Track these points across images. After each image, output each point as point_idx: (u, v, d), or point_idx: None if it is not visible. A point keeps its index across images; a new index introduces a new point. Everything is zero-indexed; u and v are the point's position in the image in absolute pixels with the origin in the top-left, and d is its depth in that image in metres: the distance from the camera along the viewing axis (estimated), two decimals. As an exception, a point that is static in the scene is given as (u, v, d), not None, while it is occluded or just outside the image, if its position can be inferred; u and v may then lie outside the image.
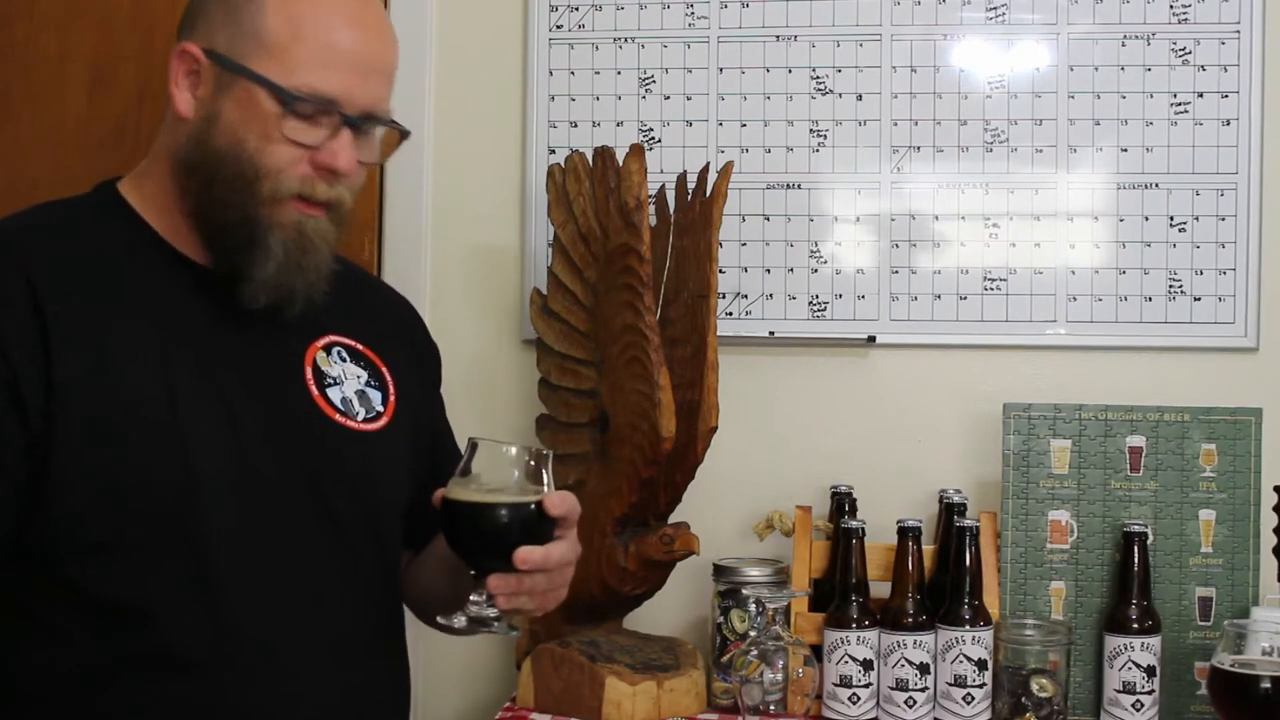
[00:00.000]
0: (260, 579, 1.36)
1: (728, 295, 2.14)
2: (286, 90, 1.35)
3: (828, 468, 2.10)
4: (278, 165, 1.36)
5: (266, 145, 1.36)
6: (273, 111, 1.35)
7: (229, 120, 1.36)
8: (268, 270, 1.37)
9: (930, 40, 2.12)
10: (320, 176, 1.38)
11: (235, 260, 1.38)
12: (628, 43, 2.17)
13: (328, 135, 1.37)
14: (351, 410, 1.45)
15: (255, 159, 1.36)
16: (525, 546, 1.32)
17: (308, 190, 1.37)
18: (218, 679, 1.33)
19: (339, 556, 1.42)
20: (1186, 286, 2.08)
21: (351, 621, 1.43)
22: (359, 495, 1.44)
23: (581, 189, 2.00)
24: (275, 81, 1.35)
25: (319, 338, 1.46)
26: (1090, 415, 1.94)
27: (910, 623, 1.84)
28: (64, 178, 1.54)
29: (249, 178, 1.36)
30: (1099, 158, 2.09)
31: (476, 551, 1.35)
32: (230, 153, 1.36)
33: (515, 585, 1.34)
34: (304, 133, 1.36)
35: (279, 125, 1.35)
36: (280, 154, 1.36)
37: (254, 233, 1.36)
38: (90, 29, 2.24)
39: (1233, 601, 1.89)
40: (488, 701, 2.14)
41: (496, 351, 2.21)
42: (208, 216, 1.38)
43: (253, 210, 1.36)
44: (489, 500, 1.33)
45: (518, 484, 1.34)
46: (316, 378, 1.44)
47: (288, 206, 1.37)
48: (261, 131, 1.35)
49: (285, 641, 1.37)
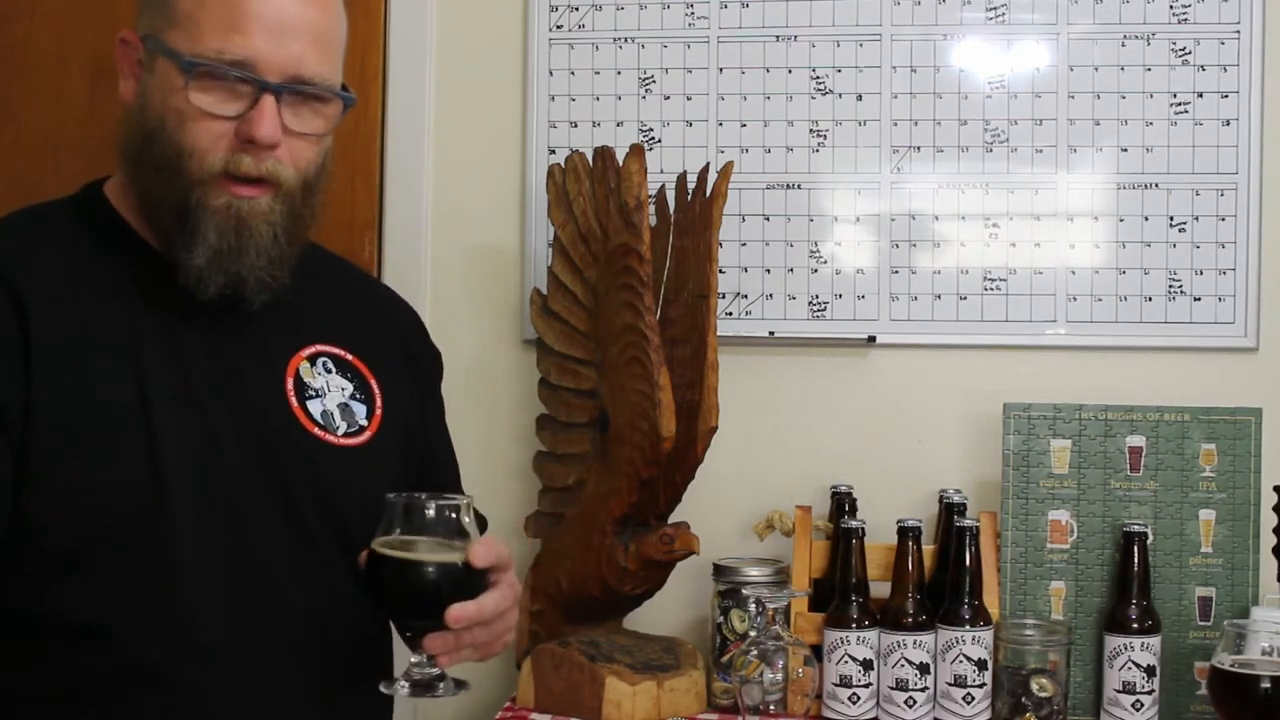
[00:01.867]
0: (228, 593, 1.33)
1: (728, 295, 2.14)
2: (185, 58, 1.30)
3: (828, 468, 2.10)
4: (198, 143, 1.31)
5: (184, 121, 1.31)
6: (179, 81, 1.30)
7: (153, 100, 1.33)
8: (202, 255, 1.32)
9: (930, 40, 2.12)
10: (246, 150, 1.32)
11: (172, 246, 1.34)
12: (628, 43, 2.17)
13: (247, 105, 1.31)
14: (331, 424, 1.42)
15: (174, 136, 1.31)
16: (457, 604, 1.26)
17: (234, 166, 1.32)
18: (186, 695, 1.30)
19: (311, 572, 1.39)
20: (1186, 286, 2.08)
21: (324, 636, 1.40)
22: (332, 510, 1.41)
23: (581, 189, 2.00)
24: (177, 50, 1.30)
25: (305, 347, 1.44)
26: (1090, 415, 1.94)
27: (910, 623, 1.84)
28: (65, 178, 1.53)
29: (172, 157, 1.32)
30: (1099, 158, 2.09)
31: (407, 614, 1.30)
32: (155, 133, 1.32)
33: (453, 643, 1.29)
34: (216, 103, 1.31)
35: (186, 96, 1.30)
36: (199, 130, 1.31)
37: (185, 216, 1.32)
38: (90, 29, 2.24)
39: (1232, 601, 1.89)
40: (488, 701, 2.14)
41: (496, 351, 2.21)
42: (146, 202, 1.36)
43: (184, 193, 1.32)
44: (413, 558, 1.28)
45: (439, 540, 1.29)
46: (297, 389, 1.41)
47: (217, 187, 1.32)
48: (176, 107, 1.31)
49: (256, 657, 1.34)
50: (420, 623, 1.28)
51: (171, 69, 1.31)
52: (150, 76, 1.34)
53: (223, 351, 1.38)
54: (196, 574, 1.31)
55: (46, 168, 2.22)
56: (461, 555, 1.29)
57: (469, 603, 1.27)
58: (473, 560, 1.28)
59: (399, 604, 1.30)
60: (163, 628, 1.30)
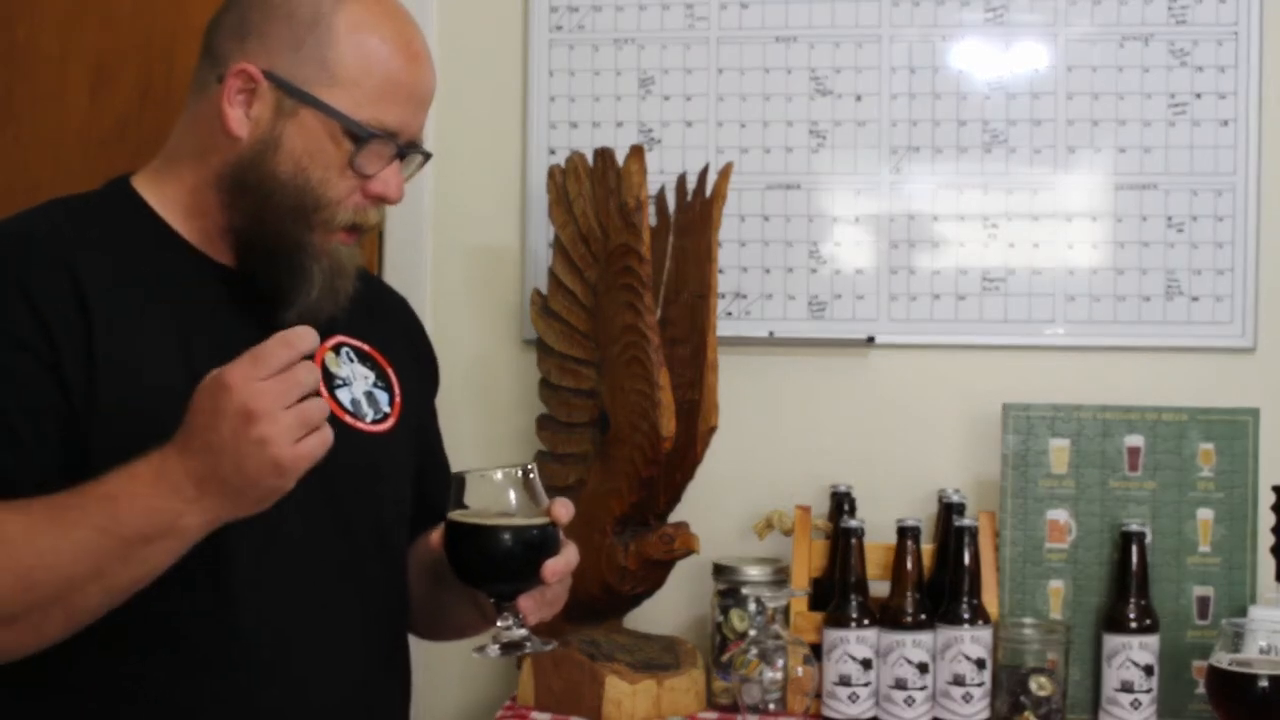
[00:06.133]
0: (273, 578, 1.36)
1: (727, 295, 2.14)
2: (360, 124, 1.36)
3: (827, 468, 2.11)
4: (338, 196, 1.38)
5: (331, 176, 1.37)
6: (344, 144, 1.37)
7: (292, 148, 1.37)
8: (309, 296, 1.38)
9: (929, 41, 2.12)
10: (373, 204, 1.41)
11: (279, 283, 1.39)
12: (628, 43, 2.18)
13: (382, 165, 1.39)
14: (360, 411, 1.45)
15: (319, 190, 1.37)
16: (549, 560, 1.33)
17: (360, 219, 1.40)
18: (233, 680, 1.33)
19: (347, 556, 1.42)
20: (1184, 286, 2.08)
21: (360, 621, 1.43)
22: (366, 496, 1.45)
23: (581, 190, 2.00)
24: (347, 114, 1.36)
25: (328, 338, 1.46)
26: (1089, 415, 1.95)
27: (909, 622, 1.84)
28: (66, 178, 1.54)
29: (309, 208, 1.37)
30: (1097, 158, 2.10)
31: (505, 578, 1.35)
32: (291, 181, 1.37)
33: (541, 600, 1.36)
34: (370, 165, 1.38)
35: (350, 158, 1.37)
36: (342, 186, 1.38)
37: (302, 259, 1.38)
38: (92, 29, 2.24)
39: (1230, 600, 1.90)
40: (488, 700, 2.15)
41: (497, 351, 2.21)
42: (254, 236, 1.39)
43: (305, 237, 1.38)
44: (509, 524, 1.33)
45: (521, 504, 1.34)
46: (326, 378, 1.44)
47: (336, 236, 1.39)
48: (327, 162, 1.37)
49: (298, 641, 1.37)
50: (514, 585, 1.34)
51: (331, 126, 1.36)
52: (287, 121, 1.37)
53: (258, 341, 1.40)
54: (242, 559, 1.34)
55: (47, 167, 2.22)
56: (545, 515, 1.34)
57: (559, 558, 1.34)
58: (557, 517, 1.35)
59: (496, 569, 1.34)
60: (211, 611, 1.32)
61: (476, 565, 1.35)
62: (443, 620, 1.57)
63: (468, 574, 1.36)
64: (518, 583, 1.34)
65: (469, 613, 1.45)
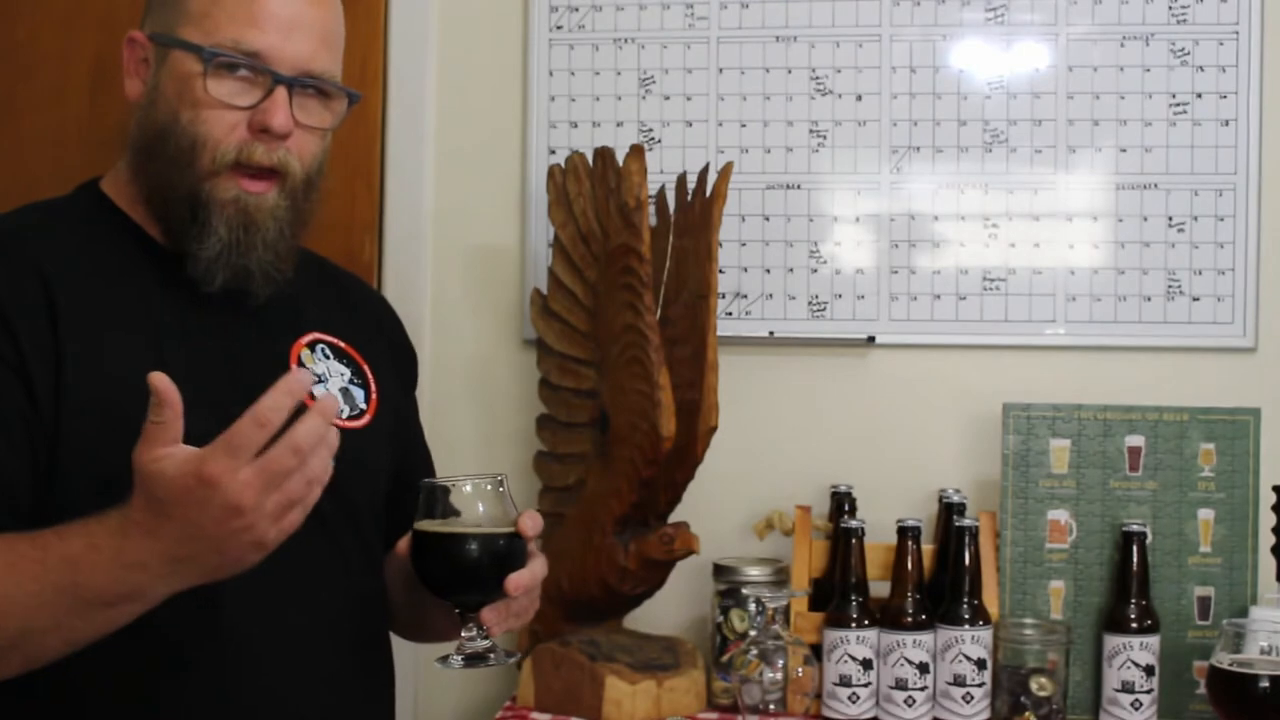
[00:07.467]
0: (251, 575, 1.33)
1: (727, 295, 2.14)
2: (205, 47, 1.35)
3: (828, 468, 2.11)
4: (213, 133, 1.36)
5: (199, 111, 1.36)
6: (196, 71, 1.35)
7: (165, 94, 1.37)
8: (211, 248, 1.37)
9: (929, 41, 2.12)
10: (258, 139, 1.37)
11: (181, 239, 1.38)
12: (628, 43, 2.18)
13: (261, 96, 1.37)
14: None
15: (190, 128, 1.36)
16: (514, 573, 1.31)
17: (246, 155, 1.37)
18: (215, 677, 1.33)
19: (325, 553, 1.42)
20: (1185, 286, 2.08)
21: (338, 616, 1.43)
22: (342, 492, 1.42)
23: (582, 189, 2.00)
24: (195, 41, 1.36)
25: (303, 334, 1.47)
26: (1089, 415, 1.95)
27: (910, 622, 1.84)
28: (66, 178, 1.54)
29: (186, 148, 1.36)
30: (1098, 158, 2.10)
31: (467, 588, 1.33)
32: (169, 126, 1.37)
33: (506, 612, 1.34)
34: (232, 93, 1.36)
35: (204, 85, 1.35)
36: (214, 120, 1.36)
37: (196, 210, 1.37)
38: (92, 29, 2.24)
39: (1231, 601, 1.89)
40: (488, 701, 2.15)
41: (497, 351, 2.21)
42: (155, 196, 1.40)
43: (194, 185, 1.37)
44: (473, 533, 1.32)
45: (490, 515, 1.33)
46: None
47: (227, 180, 1.37)
48: (192, 98, 1.36)
49: (278, 638, 1.37)
50: (477, 596, 1.33)
51: (188, 60, 1.36)
52: (162, 71, 1.38)
53: (231, 339, 1.41)
54: None
55: (47, 167, 2.22)
56: (512, 527, 1.33)
57: (524, 571, 1.32)
58: (523, 530, 1.33)
59: (460, 579, 1.33)
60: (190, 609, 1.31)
61: (440, 574, 1.34)
62: (423, 623, 1.56)
63: (432, 583, 1.35)
64: (481, 593, 1.33)
65: (445, 618, 1.45)
